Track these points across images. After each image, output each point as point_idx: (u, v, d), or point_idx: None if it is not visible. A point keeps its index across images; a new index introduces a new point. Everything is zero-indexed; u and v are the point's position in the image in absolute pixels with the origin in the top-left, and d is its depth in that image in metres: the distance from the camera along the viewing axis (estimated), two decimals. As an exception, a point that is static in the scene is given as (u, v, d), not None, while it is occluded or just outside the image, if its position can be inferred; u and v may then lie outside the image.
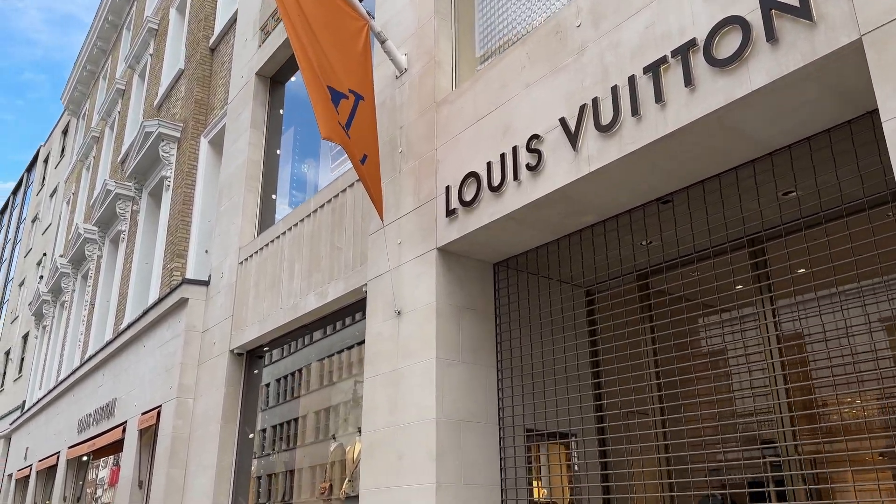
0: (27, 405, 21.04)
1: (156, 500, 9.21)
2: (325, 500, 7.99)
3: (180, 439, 9.24)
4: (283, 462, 9.41)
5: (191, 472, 8.97)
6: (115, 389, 12.38)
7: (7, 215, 39.15)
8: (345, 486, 7.70)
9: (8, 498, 20.58)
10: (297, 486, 8.92)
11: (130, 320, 12.12)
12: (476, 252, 5.62)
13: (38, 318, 22.90)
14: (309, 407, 9.51)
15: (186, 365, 9.55)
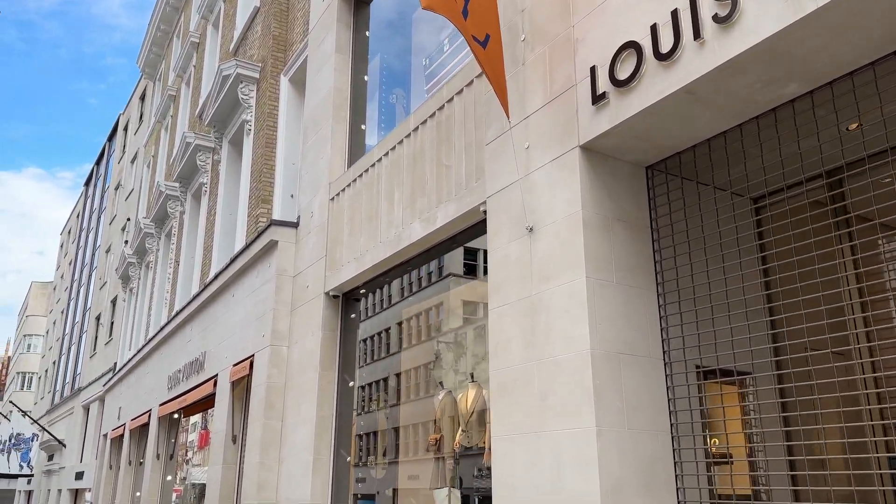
0: (118, 367, 21.34)
1: (252, 454, 8.69)
2: (435, 455, 7.22)
3: (276, 389, 8.66)
4: (385, 420, 8.73)
5: (288, 423, 8.38)
6: (204, 343, 12.00)
7: (92, 186, 40.16)
8: (458, 438, 6.90)
9: (104, 457, 21.03)
10: (403, 444, 8.22)
11: (217, 271, 11.64)
12: (628, 150, 4.60)
13: (124, 281, 23.15)
14: (410, 360, 8.77)
15: (279, 311, 8.93)
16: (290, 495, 7.92)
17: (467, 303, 8.16)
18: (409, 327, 8.95)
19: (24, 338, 60.53)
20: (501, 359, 4.90)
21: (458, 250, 7.09)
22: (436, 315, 8.83)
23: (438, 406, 7.32)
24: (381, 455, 8.51)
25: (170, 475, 14.53)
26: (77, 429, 28.33)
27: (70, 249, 44.39)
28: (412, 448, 8.30)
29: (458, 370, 7.74)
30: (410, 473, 8.22)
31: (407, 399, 8.55)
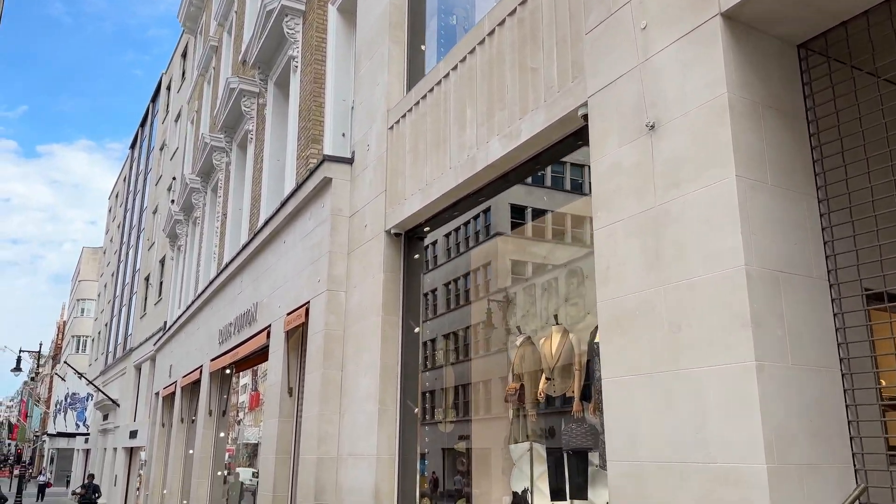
0: (168, 325, 21.17)
1: (311, 406, 8.09)
2: (514, 406, 6.47)
3: (334, 337, 8.00)
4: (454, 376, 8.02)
5: (349, 373, 7.72)
6: (255, 294, 11.44)
7: (137, 149, 40.17)
8: (542, 387, 6.12)
9: (156, 416, 21.01)
10: (474, 401, 7.49)
11: (266, 217, 10.99)
12: (780, 20, 3.66)
13: (172, 239, 22.89)
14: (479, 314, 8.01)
15: (335, 254, 8.22)
16: (354, 449, 7.29)
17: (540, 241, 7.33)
18: (475, 279, 8.17)
19: (78, 302, 61.94)
20: (613, 286, 4.07)
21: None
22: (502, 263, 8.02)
23: (517, 354, 6.55)
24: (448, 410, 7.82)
25: (223, 432, 14.20)
26: (130, 388, 28.61)
27: (118, 213, 44.76)
28: (483, 405, 7.59)
29: (536, 313, 6.95)
30: (482, 431, 7.53)
31: (476, 354, 7.80)
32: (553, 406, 6.04)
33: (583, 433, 5.67)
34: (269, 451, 9.35)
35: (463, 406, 7.78)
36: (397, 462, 6.93)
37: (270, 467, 9.18)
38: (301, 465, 8.12)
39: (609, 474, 3.97)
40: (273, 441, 9.25)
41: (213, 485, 13.91)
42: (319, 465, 7.64)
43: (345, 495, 7.36)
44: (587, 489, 5.69)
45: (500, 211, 7.55)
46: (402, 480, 6.88)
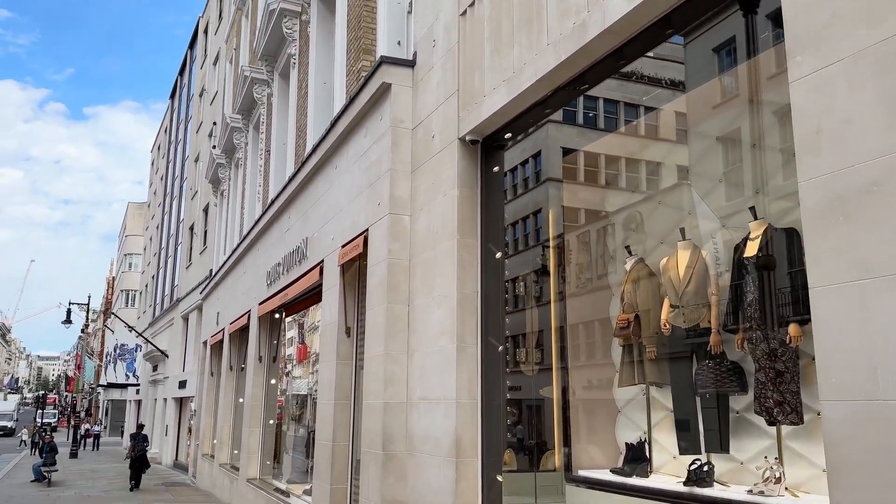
0: (213, 272, 20.53)
1: (374, 346, 7.09)
2: (628, 341, 5.32)
3: (399, 267, 6.93)
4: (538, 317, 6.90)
5: (418, 307, 6.66)
6: (304, 229, 10.45)
7: (176, 98, 39.48)
8: (666, 316, 4.96)
9: (205, 365, 20.55)
10: (571, 346, 6.36)
11: (315, 142, 9.91)
12: None
13: (215, 185, 22.12)
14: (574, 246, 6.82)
15: (397, 172, 7.10)
16: (428, 392, 6.28)
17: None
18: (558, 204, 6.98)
19: (125, 257, 62.57)
20: (830, 156, 2.85)
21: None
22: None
23: (626, 279, 5.37)
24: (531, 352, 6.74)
25: (273, 378, 13.45)
26: (178, 339, 28.39)
27: (160, 165, 44.44)
28: (584, 351, 6.47)
29: (649, 233, 5.74)
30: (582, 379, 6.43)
31: (572, 294, 6.64)
32: (680, 340, 4.88)
33: (723, 373, 4.52)
34: (326, 397, 8.44)
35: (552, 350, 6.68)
36: (480, 407, 5.89)
37: (329, 414, 8.28)
38: (365, 412, 7.17)
39: (826, 420, 2.81)
40: (331, 386, 8.32)
41: (265, 433, 13.22)
42: (386, 411, 6.66)
43: (418, 444, 6.38)
44: (728, 441, 4.57)
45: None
46: (487, 429, 5.85)
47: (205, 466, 18.44)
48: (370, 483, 6.79)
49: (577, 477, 5.44)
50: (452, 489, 5.69)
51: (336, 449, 8.08)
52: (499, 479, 5.77)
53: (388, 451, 6.59)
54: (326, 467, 8.16)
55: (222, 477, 15.65)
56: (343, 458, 8.09)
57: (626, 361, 5.28)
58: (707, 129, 5.55)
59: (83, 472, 23.69)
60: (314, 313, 12.30)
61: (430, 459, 6.10)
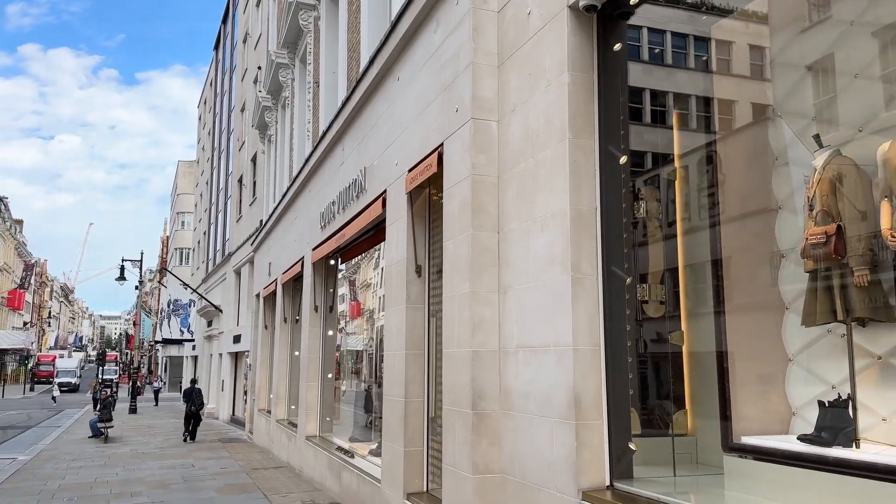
0: (263, 222, 19.57)
1: (455, 284, 5.81)
2: (826, 261, 3.89)
3: (486, 185, 5.59)
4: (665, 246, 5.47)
5: (512, 232, 5.33)
6: (361, 158, 9.17)
7: (220, 49, 38.46)
8: (890, 223, 3.49)
9: (258, 318, 19.76)
10: (728, 285, 4.92)
11: (371, 54, 8.53)
12: None
13: (262, 131, 21.04)
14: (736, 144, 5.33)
15: (480, 67, 5.70)
16: (530, 338, 4.98)
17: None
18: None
19: (178, 216, 62.91)
20: None
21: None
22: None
23: (821, 177, 3.90)
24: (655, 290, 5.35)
25: (331, 330, 12.40)
26: (231, 294, 27.84)
27: (207, 120, 43.77)
28: (736, 285, 5.03)
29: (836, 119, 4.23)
30: (733, 321, 5.00)
31: (724, 215, 5.16)
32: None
33: None
34: (395, 347, 7.24)
35: (680, 286, 5.27)
36: (604, 356, 4.57)
37: (399, 367, 7.09)
38: (446, 363, 5.92)
39: None
40: (400, 335, 7.11)
41: (324, 388, 12.23)
42: (475, 362, 5.40)
43: (517, 402, 5.12)
44: None
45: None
46: (613, 383, 4.53)
47: (261, 422, 17.76)
48: (456, 447, 5.58)
49: (745, 446, 4.10)
50: (571, 459, 4.42)
51: (409, 406, 6.91)
52: (631, 446, 4.48)
53: (479, 410, 5.35)
54: (398, 427, 7.00)
55: (279, 433, 14.85)
56: (418, 417, 6.92)
57: (821, 290, 3.85)
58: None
59: (140, 428, 23.48)
60: (366, 269, 11.31)
61: (537, 421, 4.84)
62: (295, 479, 11.88)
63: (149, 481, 11.91)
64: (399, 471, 6.93)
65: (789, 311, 4.40)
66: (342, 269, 12.21)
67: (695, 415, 5.15)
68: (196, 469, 13.46)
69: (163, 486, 11.34)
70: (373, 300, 10.65)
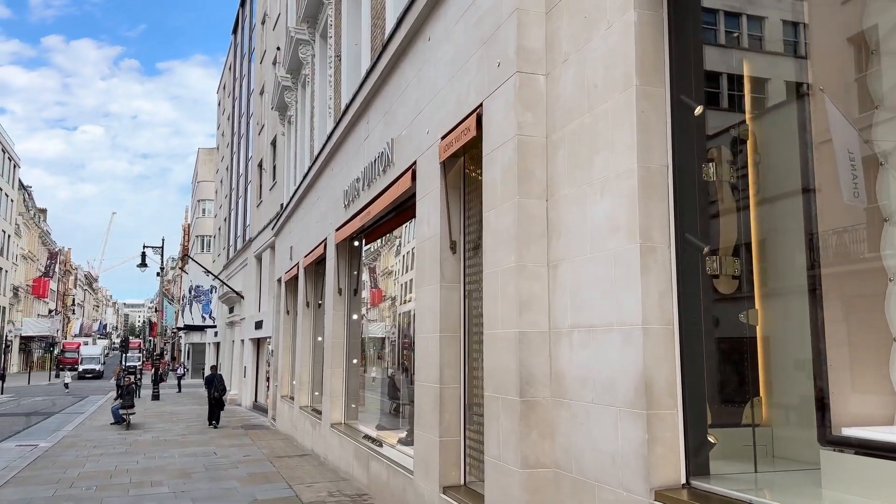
0: (284, 205, 19.12)
1: (499, 257, 5.24)
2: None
3: (533, 147, 5.00)
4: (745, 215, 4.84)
5: (565, 199, 4.74)
6: (388, 130, 8.61)
7: (239, 32, 38.00)
8: None
9: (280, 303, 19.36)
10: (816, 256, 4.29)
11: (399, 14, 7.93)
12: None
13: (281, 112, 20.55)
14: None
15: (527, 13, 5.10)
16: (588, 317, 4.41)
17: None
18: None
19: (198, 203, 62.93)
20: None
21: None
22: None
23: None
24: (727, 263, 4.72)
25: (355, 314, 11.90)
26: (252, 280, 27.53)
27: (227, 105, 43.42)
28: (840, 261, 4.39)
29: None
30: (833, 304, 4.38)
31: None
32: None
33: None
34: (428, 329, 6.70)
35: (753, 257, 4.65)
36: (677, 336, 3.99)
37: (433, 350, 6.55)
38: (488, 346, 5.36)
39: None
40: (434, 315, 6.57)
41: (349, 374, 11.76)
42: (523, 344, 4.84)
43: (573, 388, 4.56)
44: None
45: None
46: (690, 367, 3.95)
47: (284, 409, 17.38)
48: (501, 438, 5.04)
49: (848, 439, 3.50)
50: (641, 453, 3.85)
51: (444, 393, 6.37)
52: (710, 439, 3.90)
53: (528, 398, 4.79)
54: (433, 415, 6.48)
55: (303, 421, 14.43)
56: (454, 405, 6.39)
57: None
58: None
59: (163, 415, 23.27)
60: (387, 257, 10.93)
61: (597, 411, 4.27)
62: (320, 467, 11.45)
63: (170, 470, 11.54)
64: (434, 462, 6.41)
65: (894, 283, 3.78)
66: (368, 248, 11.70)
67: (770, 404, 4.56)
68: (218, 457, 13.09)
69: (184, 475, 10.96)
70: (394, 287, 10.30)
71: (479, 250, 6.34)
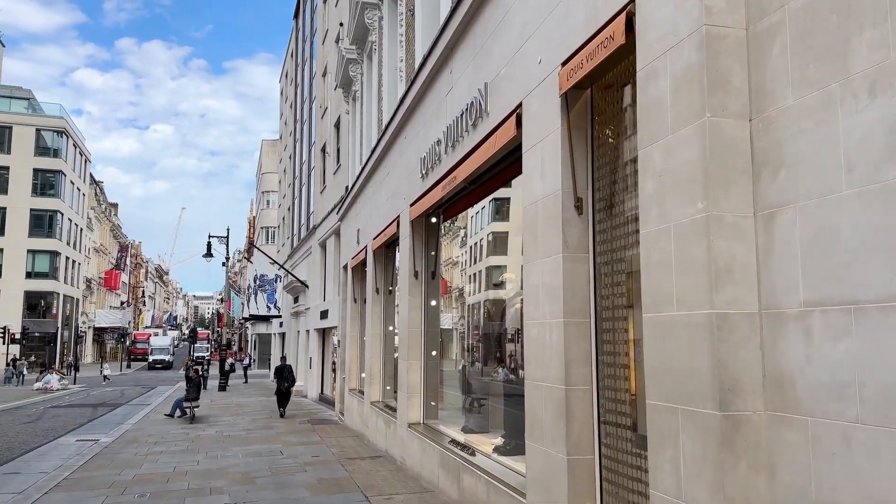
0: (350, 187, 17.89)
1: (667, 210, 3.68)
2: None
3: (728, 42, 3.41)
4: None
5: (786, 113, 3.13)
6: (479, 74, 7.12)
7: (301, 16, 37.14)
8: None
9: (346, 291, 18.17)
10: None
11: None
12: None
13: (346, 88, 19.30)
14: None
15: None
16: (847, 291, 2.81)
17: None
18: None
19: (263, 195, 63.03)
20: None
21: None
22: None
23: None
24: None
25: (433, 299, 10.48)
26: (316, 268, 26.58)
27: (289, 93, 42.78)
28: None
29: None
30: None
31: None
32: None
33: None
34: (545, 313, 5.18)
35: None
36: None
37: (553, 341, 5.03)
38: (652, 336, 3.79)
39: None
40: (553, 295, 5.05)
41: (428, 368, 10.36)
42: (721, 333, 3.27)
43: (814, 399, 2.97)
44: None
45: None
46: None
47: (353, 403, 16.17)
48: (685, 468, 3.48)
49: None
50: None
51: (573, 397, 4.85)
52: None
53: (731, 411, 3.22)
54: (556, 426, 4.97)
55: (375, 418, 13.14)
56: (585, 412, 4.86)
57: None
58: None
59: (229, 407, 22.50)
60: (450, 248, 10.10)
61: (871, 437, 2.68)
62: (397, 473, 10.10)
63: (232, 473, 10.40)
64: (560, 487, 4.90)
65: None
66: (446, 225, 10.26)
67: None
68: (284, 457, 11.92)
69: (247, 481, 9.78)
70: (461, 278, 9.68)
71: (613, 210, 4.78)
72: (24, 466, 11.66)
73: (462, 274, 9.94)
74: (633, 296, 4.56)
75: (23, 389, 33.36)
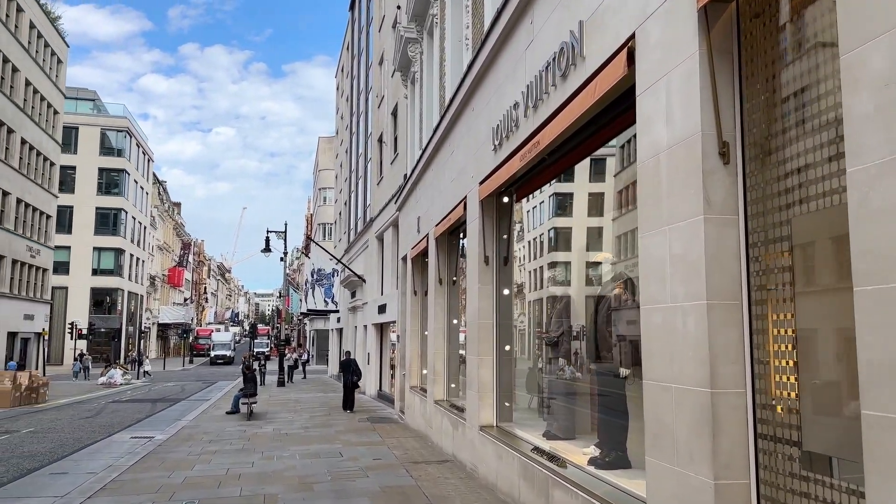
0: (409, 173, 16.94)
1: (887, 128, 2.49)
2: None
3: None
4: None
5: None
6: (569, 15, 5.99)
7: (356, 6, 36.47)
8: None
9: (406, 283, 17.24)
10: None
11: None
12: None
13: (404, 71, 18.36)
14: None
15: None
16: None
17: None
18: None
19: (319, 192, 63.00)
20: None
21: None
22: None
23: None
24: None
25: (506, 288, 9.38)
26: (374, 262, 25.79)
27: (345, 86, 42.24)
28: None
29: None
30: None
31: None
32: None
33: None
34: (675, 294, 4.03)
35: None
36: None
37: (686, 330, 3.88)
38: (872, 317, 2.61)
39: None
40: (690, 270, 3.90)
41: (500, 364, 9.27)
42: None
43: None
44: None
45: None
46: None
47: (415, 401, 15.21)
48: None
49: None
50: None
51: (721, 404, 3.69)
52: None
53: None
54: (698, 440, 3.82)
55: (440, 418, 12.14)
56: (737, 425, 3.70)
57: None
58: None
59: (287, 403, 21.90)
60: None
61: None
62: (469, 482, 9.05)
63: (288, 477, 9.54)
64: (701, 520, 3.75)
65: None
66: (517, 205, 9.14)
67: None
68: (344, 459, 11.03)
69: (304, 487, 8.89)
70: (520, 275, 9.31)
71: (772, 157, 3.59)
72: (73, 466, 11.08)
73: (521, 270, 9.28)
74: (798, 271, 3.39)
75: (88, 384, 33.73)
